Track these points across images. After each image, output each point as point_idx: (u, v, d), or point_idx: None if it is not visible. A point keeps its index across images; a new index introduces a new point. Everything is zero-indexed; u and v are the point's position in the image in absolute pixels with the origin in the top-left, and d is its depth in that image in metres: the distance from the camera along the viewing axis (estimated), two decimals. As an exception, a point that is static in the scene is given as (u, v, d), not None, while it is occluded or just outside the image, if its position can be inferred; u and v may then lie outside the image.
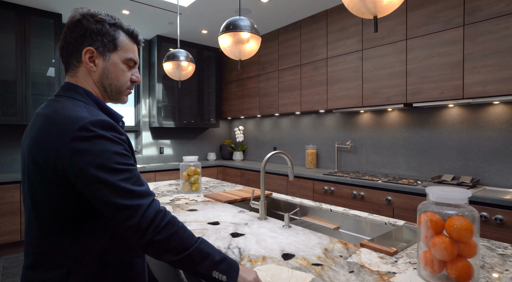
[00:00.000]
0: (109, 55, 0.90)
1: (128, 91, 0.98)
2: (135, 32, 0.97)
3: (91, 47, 0.87)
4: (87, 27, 0.87)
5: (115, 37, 0.91)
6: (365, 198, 2.79)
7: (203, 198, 2.08)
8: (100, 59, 0.89)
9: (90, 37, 0.87)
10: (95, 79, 0.91)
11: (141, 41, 1.00)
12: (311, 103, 3.61)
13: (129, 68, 0.96)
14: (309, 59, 3.63)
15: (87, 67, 0.89)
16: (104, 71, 0.90)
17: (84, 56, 0.88)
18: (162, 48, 4.40)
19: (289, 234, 1.35)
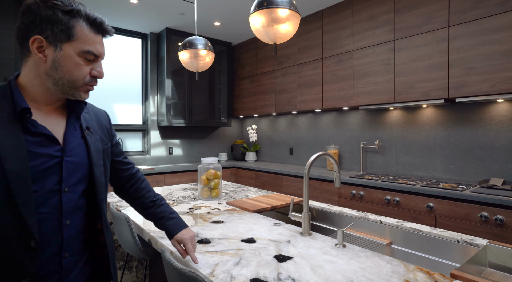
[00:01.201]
0: (60, 45, 0.78)
1: (86, 87, 0.86)
2: (98, 20, 0.84)
3: (39, 36, 0.76)
4: (37, 13, 0.75)
5: (69, 26, 0.78)
6: (400, 204, 2.50)
7: (226, 206, 1.81)
8: (50, 49, 0.78)
9: (39, 25, 0.76)
10: (43, 71, 0.79)
11: (108, 31, 0.87)
12: (334, 99, 3.32)
13: (87, 62, 0.83)
14: (332, 52, 3.35)
15: (36, 58, 0.78)
16: (54, 64, 0.79)
17: (32, 45, 0.77)
18: (172, 42, 4.14)
19: (348, 258, 1.07)
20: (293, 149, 4.28)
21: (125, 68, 4.21)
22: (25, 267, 0.74)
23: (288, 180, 3.54)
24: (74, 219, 0.85)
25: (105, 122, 1.05)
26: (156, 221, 1.11)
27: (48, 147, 0.81)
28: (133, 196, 1.13)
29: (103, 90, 4.03)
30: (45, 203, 0.79)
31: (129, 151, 4.21)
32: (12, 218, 0.73)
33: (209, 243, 1.20)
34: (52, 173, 0.80)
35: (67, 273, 0.84)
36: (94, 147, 0.92)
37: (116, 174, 1.11)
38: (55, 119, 0.86)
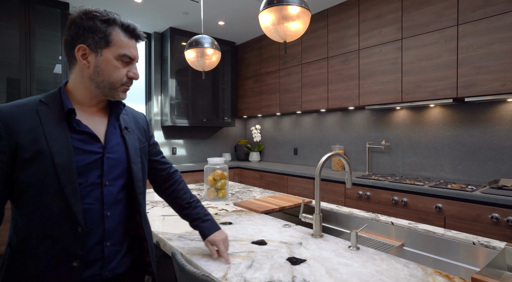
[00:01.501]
0: (100, 51, 0.89)
1: (123, 87, 0.95)
2: (131, 27, 0.93)
3: (83, 44, 0.87)
4: (80, 25, 0.87)
5: (106, 33, 0.88)
6: (408, 205, 2.47)
7: (234, 207, 1.78)
8: (92, 56, 0.88)
9: (82, 35, 0.87)
10: (87, 76, 0.90)
11: (140, 36, 0.97)
12: (340, 99, 3.29)
13: (124, 65, 0.93)
14: (337, 51, 3.32)
15: (81, 64, 0.89)
16: (96, 68, 0.89)
17: (77, 53, 0.88)
18: (175, 42, 4.12)
19: (363, 260, 1.04)
20: (298, 149, 4.25)
21: (129, 68, 4.19)
22: (74, 250, 0.84)
23: (293, 181, 3.51)
24: (114, 211, 0.93)
25: (143, 124, 1.13)
26: (191, 221, 1.17)
27: (91, 144, 0.90)
28: (171, 196, 1.19)
29: (106, 90, 4.01)
30: (88, 195, 0.87)
31: (133, 151, 4.19)
32: (62, 206, 0.83)
33: (219, 245, 1.18)
34: (95, 168, 0.89)
35: (109, 262, 0.91)
36: (132, 145, 1.00)
37: (154, 173, 1.18)
38: (98, 119, 0.96)
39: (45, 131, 0.83)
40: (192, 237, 1.27)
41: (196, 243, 1.21)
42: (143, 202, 1.02)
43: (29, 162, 0.81)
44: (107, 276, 0.91)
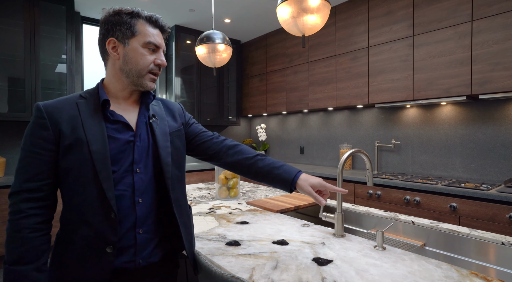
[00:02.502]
0: (128, 41, 0.94)
1: (150, 75, 0.97)
2: (154, 17, 0.97)
3: (112, 37, 0.94)
4: (108, 22, 0.94)
5: (131, 24, 0.93)
6: (421, 204, 2.42)
7: (247, 207, 1.74)
8: (121, 47, 0.94)
9: (111, 30, 0.93)
10: (118, 68, 0.95)
11: (164, 25, 1.00)
12: (349, 97, 3.25)
13: (151, 52, 0.97)
14: (346, 49, 3.27)
15: (112, 57, 0.95)
16: (125, 58, 0.94)
17: (108, 46, 0.94)
18: (181, 40, 4.07)
19: (392, 261, 1.00)
20: (304, 148, 4.21)
21: (133, 66, 4.15)
22: (108, 236, 0.87)
23: (301, 180, 3.46)
24: (145, 198, 0.95)
25: (177, 111, 1.14)
26: (264, 175, 1.10)
27: (124, 133, 0.94)
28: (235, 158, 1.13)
29: (111, 88, 3.97)
30: (121, 182, 0.90)
31: (138, 151, 4.14)
32: (97, 192, 0.86)
33: (239, 246, 1.13)
34: (127, 155, 0.93)
35: (142, 249, 0.93)
36: (160, 130, 1.01)
37: (201, 148, 1.15)
38: (131, 110, 1.00)
39: (83, 121, 0.89)
40: (210, 237, 1.23)
41: (214, 243, 1.16)
42: (176, 187, 1.00)
43: (69, 149, 0.87)
44: (141, 264, 0.93)
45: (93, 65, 3.82)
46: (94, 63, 3.83)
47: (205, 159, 1.17)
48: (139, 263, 0.92)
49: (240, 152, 1.14)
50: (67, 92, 3.26)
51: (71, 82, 3.27)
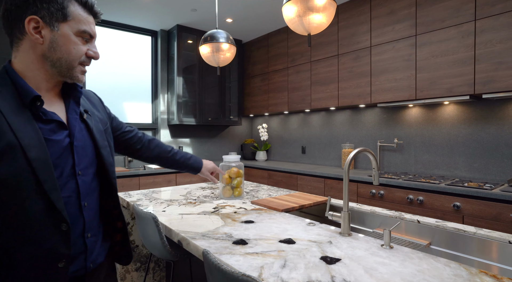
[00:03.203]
0: (57, 25, 0.78)
1: (80, 67, 0.86)
2: (90, 2, 0.84)
3: (35, 15, 0.76)
4: None
5: (64, 5, 0.78)
6: (424, 204, 2.42)
7: (252, 206, 1.74)
8: (47, 30, 0.77)
9: (34, 4, 0.75)
10: (40, 54, 0.79)
11: (98, 13, 0.89)
12: (351, 96, 3.25)
13: (84, 42, 0.85)
14: (348, 48, 3.27)
15: (32, 39, 0.77)
16: (52, 44, 0.79)
17: (28, 25, 0.76)
18: (183, 39, 4.07)
19: (400, 259, 0.99)
20: (306, 148, 4.21)
21: (135, 65, 4.15)
22: (60, 250, 0.77)
23: (303, 180, 3.47)
24: (90, 200, 0.89)
25: (96, 102, 1.07)
26: (180, 165, 1.50)
27: (59, 133, 0.82)
28: (155, 152, 1.38)
29: (112, 87, 3.97)
30: (64, 188, 0.81)
31: (139, 150, 4.14)
32: (43, 204, 0.75)
33: (246, 244, 1.13)
34: (66, 159, 0.83)
35: (91, 253, 0.89)
36: (96, 129, 0.94)
37: (128, 143, 1.24)
38: (56, 104, 0.87)
39: (8, 121, 0.72)
40: (217, 236, 1.23)
41: (221, 242, 1.16)
42: (116, 186, 1.00)
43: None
44: (91, 267, 0.89)
45: (94, 65, 3.82)
46: (96, 62, 3.83)
47: (127, 153, 1.25)
48: (89, 268, 0.88)
49: (159, 146, 1.37)
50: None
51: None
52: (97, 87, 3.83)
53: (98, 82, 3.84)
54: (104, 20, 3.80)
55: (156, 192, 2.15)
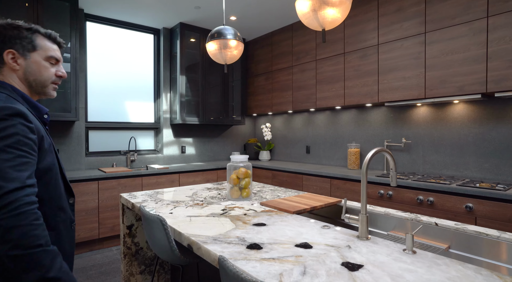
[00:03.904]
0: (29, 55, 1.02)
1: (53, 85, 1.10)
2: (53, 35, 1.08)
3: (11, 49, 0.99)
4: (5, 34, 0.99)
5: (32, 39, 1.02)
6: (435, 205, 2.37)
7: (261, 207, 1.68)
8: (21, 59, 1.01)
9: (9, 42, 0.99)
10: (20, 76, 1.02)
11: (61, 43, 1.12)
12: (358, 95, 3.19)
13: (52, 65, 1.08)
14: (354, 47, 3.22)
15: (10, 66, 1.00)
16: (28, 69, 1.02)
17: (6, 56, 0.99)
18: (186, 38, 4.02)
19: (426, 266, 0.94)
20: (310, 148, 4.15)
21: (137, 64, 4.09)
22: (71, 216, 1.11)
23: (308, 180, 3.41)
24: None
25: None
26: None
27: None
28: None
29: (114, 87, 3.92)
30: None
31: (141, 150, 4.09)
32: (63, 183, 1.08)
33: (261, 249, 1.08)
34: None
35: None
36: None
37: None
38: None
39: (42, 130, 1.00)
40: (229, 240, 1.17)
41: (234, 246, 1.11)
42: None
43: (45, 153, 0.98)
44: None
45: (96, 63, 3.76)
46: (98, 61, 3.77)
47: None
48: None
49: None
50: (71, 90, 3.20)
51: (75, 80, 3.21)
52: (98, 86, 3.77)
53: (100, 81, 3.79)
54: (106, 18, 3.75)
55: (161, 193, 2.09)
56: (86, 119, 3.68)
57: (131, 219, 2.08)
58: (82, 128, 3.55)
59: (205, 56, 4.16)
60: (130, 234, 2.07)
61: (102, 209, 3.17)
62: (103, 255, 3.06)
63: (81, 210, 3.04)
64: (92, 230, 3.11)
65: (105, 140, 3.82)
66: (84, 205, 3.07)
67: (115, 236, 3.32)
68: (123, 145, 3.93)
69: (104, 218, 3.18)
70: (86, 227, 3.08)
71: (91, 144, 3.72)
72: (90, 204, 3.10)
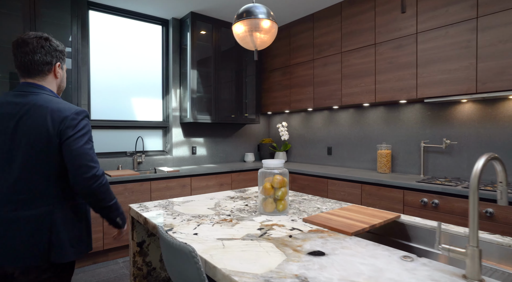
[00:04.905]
0: (64, 66, 1.38)
1: None
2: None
3: (59, 62, 1.33)
4: (57, 50, 1.31)
5: (65, 54, 1.37)
6: (496, 217, 2.03)
7: (306, 225, 1.35)
8: (61, 69, 1.35)
9: (58, 57, 1.32)
10: (57, 83, 1.35)
11: None
12: (391, 91, 2.85)
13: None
14: (387, 36, 2.88)
15: (56, 75, 1.32)
16: (63, 78, 1.38)
17: (57, 67, 1.32)
18: (197, 29, 3.69)
19: None
20: (332, 149, 3.81)
21: (143, 58, 3.77)
22: None
23: (334, 185, 3.08)
24: None
25: None
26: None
27: None
28: None
29: (118, 82, 3.60)
30: None
31: (149, 151, 3.77)
32: None
33: (340, 300, 0.75)
34: None
35: None
36: None
37: None
38: None
39: None
40: (288, 280, 0.84)
41: (298, 294, 0.78)
42: None
43: None
44: None
45: (99, 57, 3.44)
46: (101, 54, 3.45)
47: None
48: None
49: None
50: (72, 85, 2.88)
51: (77, 75, 2.90)
52: (102, 81, 3.45)
53: (103, 76, 3.47)
54: (110, 6, 3.43)
55: (177, 204, 1.77)
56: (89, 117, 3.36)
57: (142, 235, 1.75)
58: (84, 127, 3.23)
59: (217, 49, 3.83)
60: (141, 253, 1.74)
61: (107, 217, 2.85)
62: (108, 269, 2.74)
63: (84, 218, 2.72)
64: (96, 240, 2.79)
65: (109, 140, 3.50)
66: (87, 213, 2.74)
67: (120, 247, 3.00)
68: (129, 146, 3.62)
69: (109, 227, 2.86)
70: (89, 238, 2.76)
71: (94, 144, 3.40)
72: (93, 212, 2.78)
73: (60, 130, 1.15)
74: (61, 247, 1.15)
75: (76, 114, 1.19)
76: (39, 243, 1.12)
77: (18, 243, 1.10)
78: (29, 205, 1.12)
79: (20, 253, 1.10)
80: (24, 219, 1.11)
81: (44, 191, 1.14)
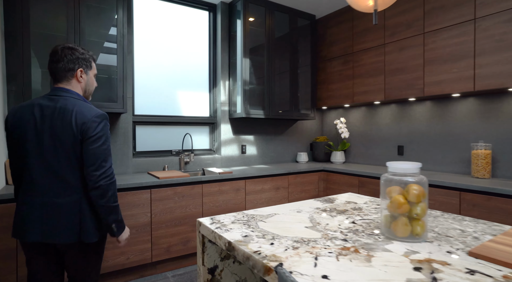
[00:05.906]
0: (88, 72, 1.54)
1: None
2: (95, 58, 1.62)
3: (81, 68, 1.49)
4: (80, 57, 1.49)
5: (90, 62, 1.55)
6: None
7: (477, 262, 0.88)
8: (84, 74, 1.51)
9: (82, 64, 1.50)
10: (82, 87, 1.52)
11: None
12: (500, 76, 2.29)
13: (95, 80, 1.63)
14: (493, 8, 2.32)
15: (78, 79, 1.49)
16: (88, 82, 1.54)
17: (79, 72, 1.49)
18: (249, 13, 3.29)
19: None
20: (404, 148, 3.28)
21: (188, 47, 3.42)
22: None
23: (419, 191, 2.55)
24: None
25: None
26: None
27: None
28: None
29: (163, 75, 3.26)
30: None
31: (195, 149, 3.42)
32: None
33: None
34: None
35: None
36: None
37: None
38: None
39: None
40: None
41: None
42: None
43: None
44: None
45: (142, 45, 3.13)
46: (144, 42, 3.13)
47: None
48: None
49: None
50: (117, 76, 2.57)
51: (122, 63, 2.58)
52: (145, 72, 3.13)
53: (147, 67, 3.15)
54: (157, -10, 3.10)
55: (260, 219, 1.35)
56: (133, 111, 3.06)
57: (214, 258, 1.35)
58: (129, 123, 2.93)
59: (271, 35, 3.40)
60: (213, 281, 1.34)
61: (156, 226, 2.50)
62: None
63: (131, 226, 2.39)
64: (143, 252, 2.45)
65: (154, 137, 3.18)
66: (134, 220, 2.41)
67: (169, 260, 2.65)
68: (174, 144, 3.28)
69: (158, 237, 2.52)
70: (136, 249, 2.42)
71: (138, 142, 3.10)
72: (141, 219, 2.44)
73: (82, 131, 1.35)
74: (88, 229, 1.39)
75: (96, 117, 1.39)
76: (74, 225, 1.36)
77: (62, 224, 1.35)
78: (64, 194, 1.36)
79: (64, 232, 1.35)
80: (63, 205, 1.35)
81: (74, 182, 1.38)
